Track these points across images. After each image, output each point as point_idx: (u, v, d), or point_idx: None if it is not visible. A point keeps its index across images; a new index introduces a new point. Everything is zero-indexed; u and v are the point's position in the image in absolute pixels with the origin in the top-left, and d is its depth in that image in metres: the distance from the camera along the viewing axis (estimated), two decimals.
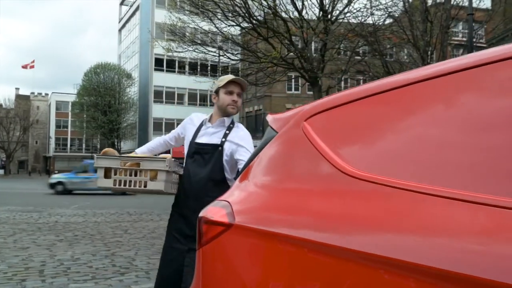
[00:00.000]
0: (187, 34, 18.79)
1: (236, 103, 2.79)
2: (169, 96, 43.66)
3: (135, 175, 2.71)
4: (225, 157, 2.70)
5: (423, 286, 0.93)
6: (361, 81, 28.53)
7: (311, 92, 35.45)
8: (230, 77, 2.80)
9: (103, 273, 5.39)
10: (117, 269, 5.59)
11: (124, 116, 44.65)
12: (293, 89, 36.50)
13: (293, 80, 30.88)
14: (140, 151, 3.07)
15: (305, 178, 1.34)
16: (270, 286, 1.25)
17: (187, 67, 41.42)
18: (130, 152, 3.05)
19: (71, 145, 72.73)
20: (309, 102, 1.57)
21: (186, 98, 44.31)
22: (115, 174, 2.74)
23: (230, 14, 16.71)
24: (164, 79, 42.88)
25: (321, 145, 1.30)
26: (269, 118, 1.65)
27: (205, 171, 2.69)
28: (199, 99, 44.41)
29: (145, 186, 2.70)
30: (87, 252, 6.79)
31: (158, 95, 43.31)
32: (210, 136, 2.78)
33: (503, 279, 0.81)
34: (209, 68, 36.47)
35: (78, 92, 50.23)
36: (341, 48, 17.69)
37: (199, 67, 35.10)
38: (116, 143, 44.28)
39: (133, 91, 46.54)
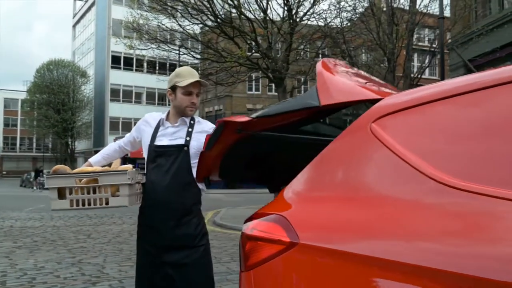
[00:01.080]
0: (150, 31, 18.29)
1: (195, 105, 2.56)
2: (126, 95, 42.49)
3: (94, 192, 2.42)
4: (192, 157, 2.48)
5: None
6: None
7: (271, 93, 35.71)
8: (189, 77, 2.52)
9: (72, 283, 5.01)
10: (88, 278, 5.23)
11: (78, 115, 43.02)
12: (253, 89, 36.44)
13: (253, 81, 30.80)
14: (95, 160, 2.75)
15: (382, 187, 1.16)
16: None
17: (145, 65, 40.51)
18: (84, 153, 2.75)
19: (20, 145, 69.48)
20: (270, 102, 1.40)
21: (144, 97, 43.31)
22: (71, 193, 2.43)
23: (194, 12, 16.41)
24: (121, 77, 41.69)
25: (401, 150, 1.13)
26: (320, 70, 1.42)
27: (170, 176, 2.47)
28: (157, 98, 43.52)
29: (107, 204, 2.43)
30: (51, 259, 6.35)
31: (115, 93, 42.06)
32: (171, 137, 2.54)
33: None
34: (168, 66, 35.83)
35: (29, 89, 48.01)
36: (307, 49, 17.75)
37: (157, 65, 34.38)
38: (70, 143, 42.64)
39: (88, 89, 44.97)
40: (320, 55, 19.11)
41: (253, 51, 17.65)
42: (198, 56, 19.10)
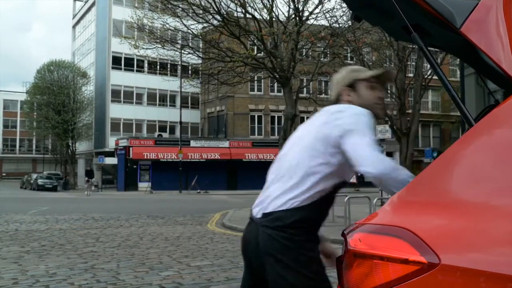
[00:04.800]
0: (154, 30, 18.12)
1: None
2: (127, 96, 42.15)
3: None
4: None
5: None
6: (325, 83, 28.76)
7: (274, 93, 35.42)
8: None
9: None
10: (104, 286, 4.99)
11: (79, 116, 42.69)
12: (255, 89, 36.23)
13: (255, 82, 30.56)
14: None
15: None
16: None
17: (145, 65, 40.26)
18: (85, 154, 2.33)
19: (20, 146, 69.18)
20: (273, 103, 1.19)
21: (145, 98, 42.98)
22: None
23: (200, 11, 16.24)
24: (122, 78, 41.34)
25: None
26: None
27: None
28: (158, 99, 43.25)
29: None
30: (62, 265, 6.11)
31: (115, 94, 41.72)
32: None
33: None
34: (169, 67, 35.51)
35: (29, 90, 47.71)
36: (314, 48, 17.56)
37: (158, 65, 34.18)
38: (71, 144, 42.32)
39: (89, 90, 44.67)
40: (327, 55, 18.96)
41: (259, 50, 17.46)
42: (205, 57, 18.89)
